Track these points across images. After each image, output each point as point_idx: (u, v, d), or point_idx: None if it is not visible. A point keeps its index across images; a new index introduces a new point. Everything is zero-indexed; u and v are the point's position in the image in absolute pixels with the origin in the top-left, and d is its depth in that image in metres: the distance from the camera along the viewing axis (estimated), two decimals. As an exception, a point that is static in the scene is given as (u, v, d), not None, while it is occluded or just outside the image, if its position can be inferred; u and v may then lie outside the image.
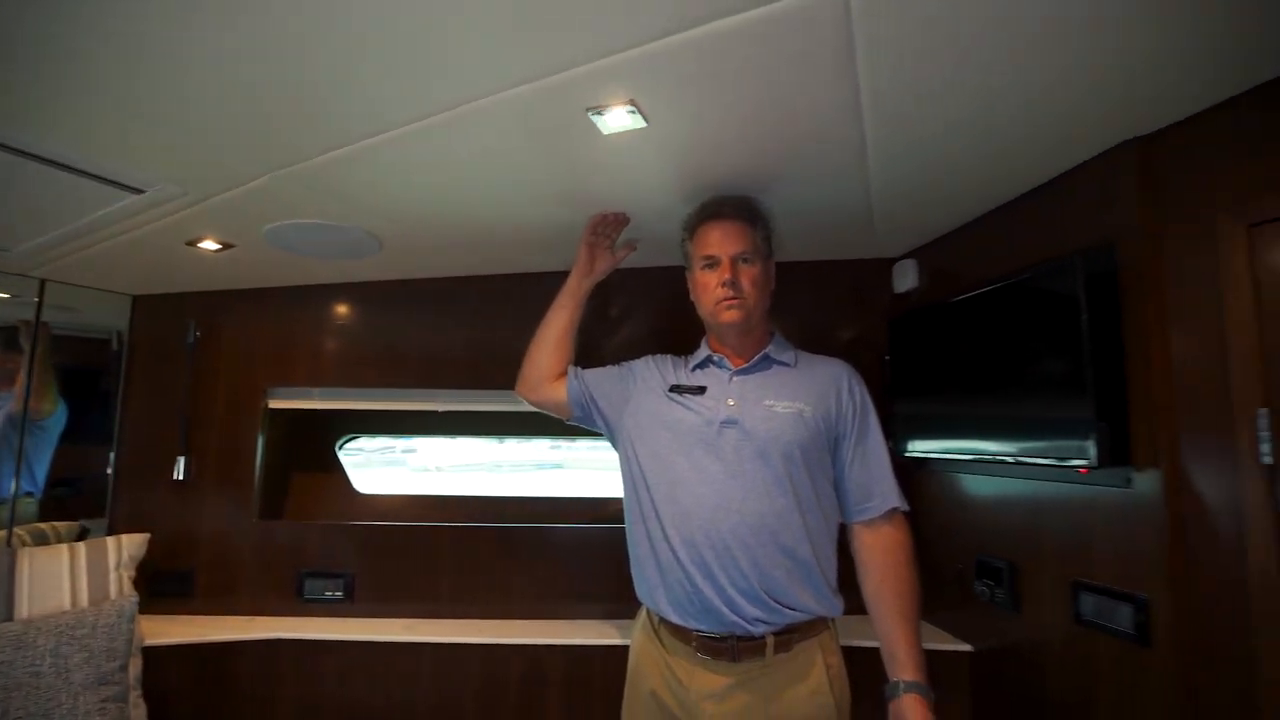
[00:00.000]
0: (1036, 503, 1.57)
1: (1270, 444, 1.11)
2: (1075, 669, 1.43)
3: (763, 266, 1.40)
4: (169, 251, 1.81)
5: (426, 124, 1.18)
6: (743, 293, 1.34)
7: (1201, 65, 1.06)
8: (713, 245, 1.37)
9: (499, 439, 10.45)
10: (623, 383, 1.49)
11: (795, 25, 0.91)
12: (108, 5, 0.85)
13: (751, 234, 1.38)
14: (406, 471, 10.96)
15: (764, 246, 1.41)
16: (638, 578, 1.38)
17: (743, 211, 1.40)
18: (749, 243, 1.37)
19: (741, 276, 1.35)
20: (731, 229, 1.37)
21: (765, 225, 1.43)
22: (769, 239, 1.44)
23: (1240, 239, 1.15)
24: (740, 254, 1.36)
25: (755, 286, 1.37)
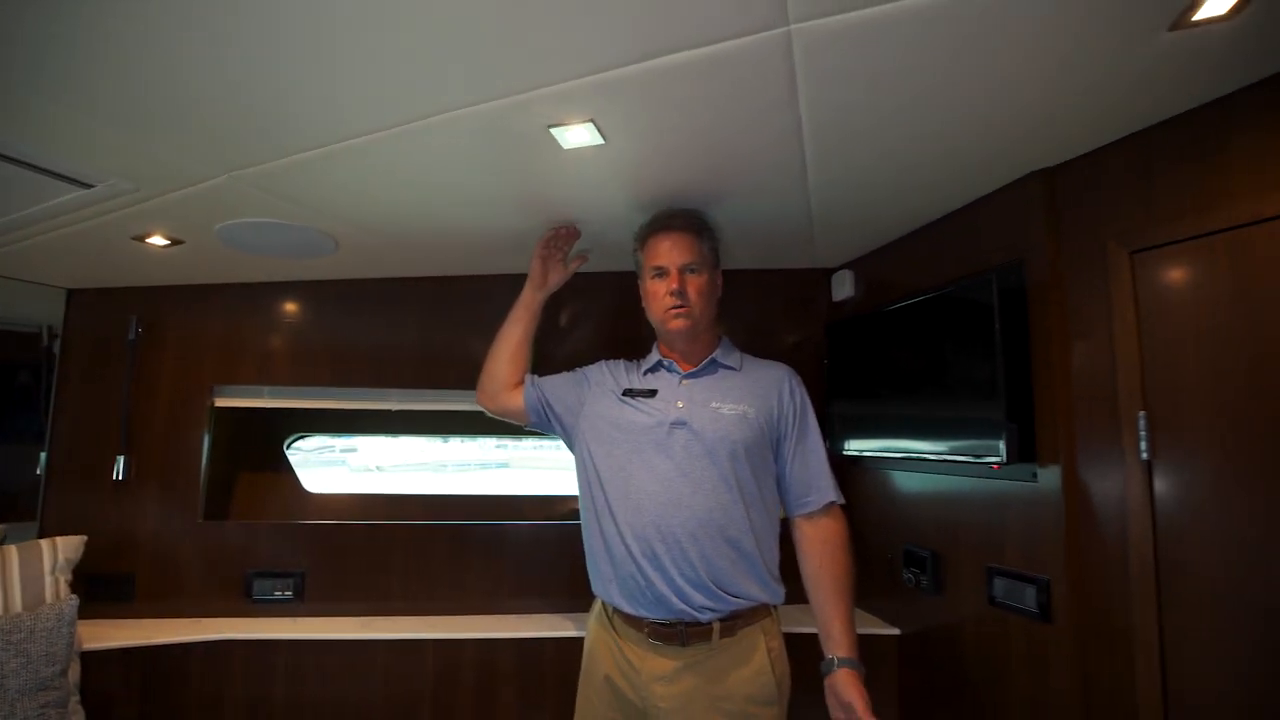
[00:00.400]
0: (957, 496, 1.72)
1: (1147, 442, 1.28)
2: (989, 645, 1.58)
3: (709, 276, 1.48)
4: (112, 246, 1.76)
5: (391, 133, 1.22)
6: (689, 301, 1.43)
7: (1095, 109, 1.21)
8: (661, 256, 1.45)
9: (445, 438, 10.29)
10: (578, 388, 1.56)
11: (743, 63, 1.00)
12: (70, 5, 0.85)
13: (698, 245, 1.46)
14: (346, 472, 10.65)
15: (710, 257, 1.49)
16: (592, 572, 1.45)
17: (690, 224, 1.48)
18: (696, 253, 1.45)
19: (688, 286, 1.43)
20: (680, 240, 1.45)
21: (712, 237, 1.51)
22: (716, 250, 1.52)
23: (1125, 263, 1.32)
24: (687, 264, 1.44)
25: (701, 295, 1.44)
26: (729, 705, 1.29)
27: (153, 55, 0.96)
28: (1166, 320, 1.26)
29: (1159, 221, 1.26)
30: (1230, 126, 1.16)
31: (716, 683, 1.30)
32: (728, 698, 1.30)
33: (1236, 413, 1.15)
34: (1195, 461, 1.21)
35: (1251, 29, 0.97)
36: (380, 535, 2.14)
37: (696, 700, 1.30)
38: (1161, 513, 1.26)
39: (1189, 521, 1.22)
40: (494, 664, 1.95)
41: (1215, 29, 0.96)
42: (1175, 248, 1.24)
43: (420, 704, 1.93)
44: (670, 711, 1.30)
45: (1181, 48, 1.00)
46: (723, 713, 1.29)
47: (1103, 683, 1.33)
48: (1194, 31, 0.96)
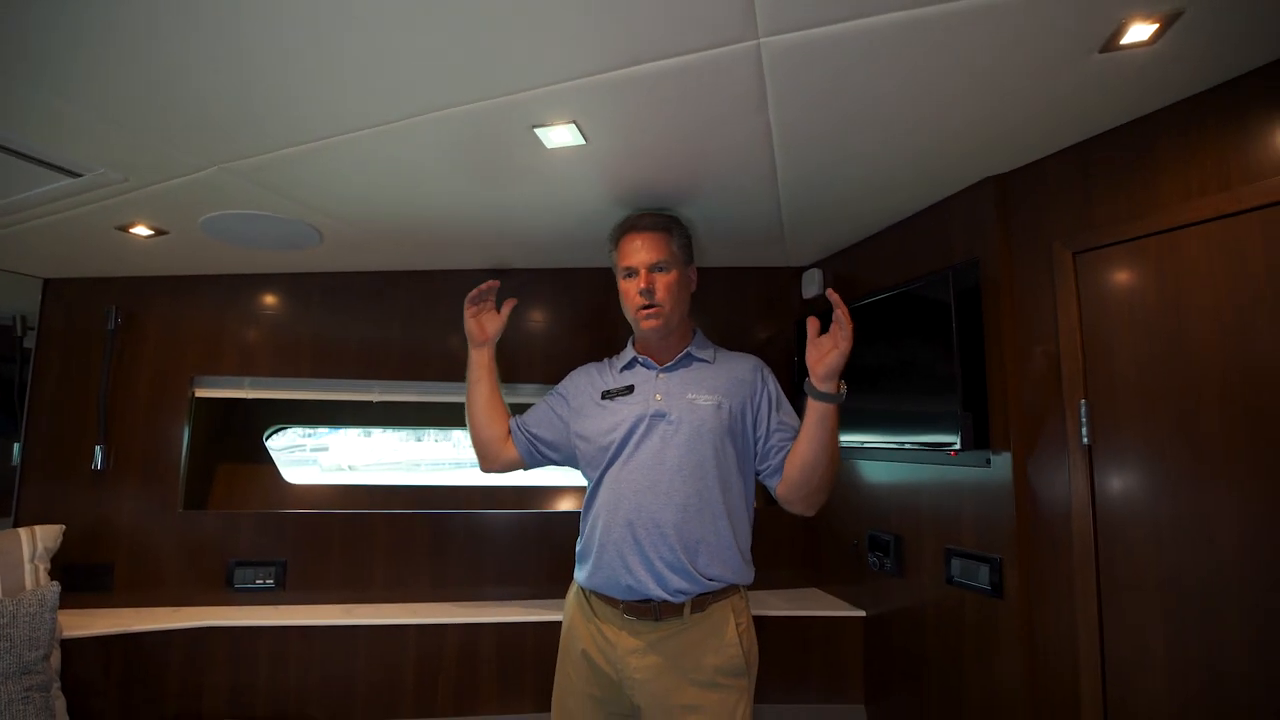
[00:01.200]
0: (918, 483, 1.82)
1: (1088, 428, 1.39)
2: (948, 622, 1.68)
3: (679, 273, 1.50)
4: (95, 236, 1.77)
5: (379, 130, 1.27)
6: (657, 300, 1.46)
7: (1039, 121, 1.31)
8: (631, 256, 1.50)
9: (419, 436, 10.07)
10: (558, 410, 1.60)
11: (716, 71, 1.07)
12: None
13: (667, 243, 1.49)
14: (318, 471, 10.49)
15: (680, 254, 1.51)
16: (578, 564, 1.50)
17: (659, 223, 1.51)
18: (664, 252, 1.48)
19: (657, 284, 1.47)
20: (648, 240, 1.48)
21: (683, 234, 1.54)
22: (687, 246, 1.55)
23: (1069, 263, 1.42)
24: (655, 263, 1.47)
25: (670, 293, 1.47)
26: (699, 676, 1.36)
27: (149, 47, 1.00)
28: (1105, 315, 1.37)
29: (1098, 225, 1.37)
30: (1156, 141, 1.28)
31: (688, 655, 1.37)
32: (698, 669, 1.36)
33: (1162, 400, 1.26)
34: (1129, 446, 1.32)
35: (1169, 55, 1.08)
36: (361, 525, 2.17)
37: (669, 671, 1.36)
38: (1100, 493, 1.37)
39: (1124, 501, 1.33)
40: (475, 648, 2.00)
41: (1139, 53, 1.07)
42: (1112, 249, 1.35)
43: (402, 688, 1.97)
44: (644, 682, 1.36)
45: (1111, 69, 1.11)
46: (693, 683, 1.35)
47: (1048, 650, 1.44)
48: (1121, 54, 1.07)
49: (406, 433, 11.46)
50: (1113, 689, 1.33)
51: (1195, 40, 1.05)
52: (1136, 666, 1.29)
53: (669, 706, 1.35)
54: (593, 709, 1.43)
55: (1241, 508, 1.15)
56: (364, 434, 11.48)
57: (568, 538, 1.60)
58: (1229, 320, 1.17)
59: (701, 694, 1.35)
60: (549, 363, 2.28)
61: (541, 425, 1.59)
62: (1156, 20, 0.98)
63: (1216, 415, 1.18)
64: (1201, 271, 1.21)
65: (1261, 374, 1.13)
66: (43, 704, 1.54)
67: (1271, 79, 1.12)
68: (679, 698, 1.34)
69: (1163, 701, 1.25)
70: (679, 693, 1.35)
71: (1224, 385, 1.18)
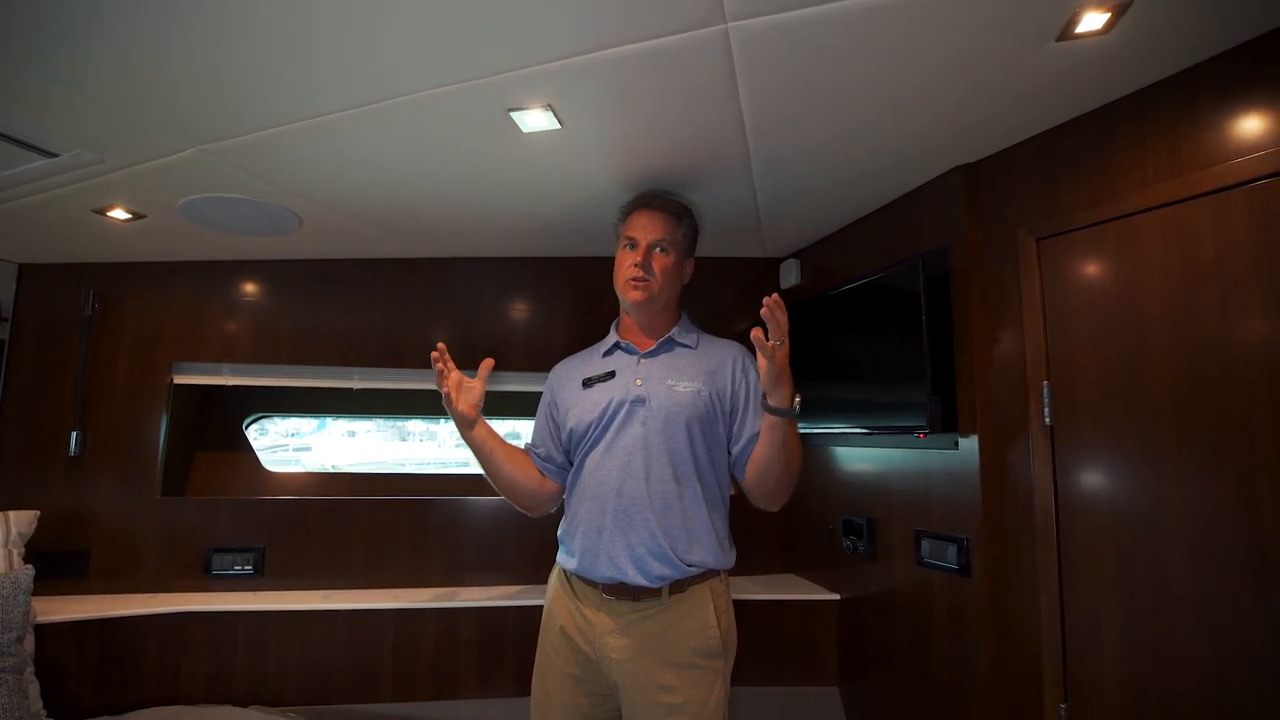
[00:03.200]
0: (889, 467, 1.86)
1: (1050, 409, 1.43)
2: (918, 602, 1.72)
3: (677, 259, 1.53)
4: (72, 219, 1.77)
5: (355, 112, 1.28)
6: (652, 275, 1.47)
7: (1003, 110, 1.35)
8: (635, 229, 1.52)
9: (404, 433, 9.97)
10: (550, 414, 1.60)
11: (685, 54, 1.10)
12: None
13: (674, 227, 1.52)
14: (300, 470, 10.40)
15: (684, 243, 1.55)
16: (561, 547, 1.52)
17: (671, 206, 1.54)
18: (669, 233, 1.50)
19: (654, 262, 1.49)
20: (656, 218, 1.51)
21: (691, 224, 1.57)
22: (692, 238, 1.57)
23: (1032, 249, 1.47)
24: (658, 241, 1.49)
25: (665, 274, 1.49)
26: (676, 657, 1.37)
27: (126, 23, 1.00)
28: (1066, 299, 1.41)
29: (1060, 212, 1.42)
30: (1114, 130, 1.32)
31: (665, 636, 1.38)
32: (675, 650, 1.38)
33: (1118, 381, 1.31)
34: (1088, 425, 1.36)
35: (1121, 46, 1.12)
36: (341, 511, 2.18)
37: (646, 651, 1.37)
38: (1061, 472, 1.41)
39: (1083, 479, 1.37)
40: (454, 633, 2.01)
41: (1093, 43, 1.11)
42: (1074, 235, 1.40)
43: (381, 673, 1.97)
44: (621, 661, 1.38)
45: (1068, 58, 1.15)
46: (670, 664, 1.37)
47: (1012, 627, 1.48)
48: (1077, 44, 1.11)
49: (391, 432, 11.39)
50: (1072, 664, 1.37)
51: (1146, 32, 1.09)
52: (1094, 642, 1.34)
53: (646, 686, 1.36)
54: (572, 688, 1.44)
55: (1190, 485, 1.19)
56: (348, 435, 11.39)
57: (549, 524, 1.62)
58: (1179, 302, 1.22)
59: (678, 674, 1.36)
60: (533, 353, 2.30)
61: (548, 441, 1.58)
62: (1108, 10, 1.02)
63: (1167, 394, 1.23)
64: (1155, 255, 1.26)
65: (1208, 353, 1.17)
66: (15, 686, 1.54)
67: (1218, 70, 1.17)
68: (656, 677, 1.36)
69: (1118, 676, 1.29)
70: (656, 673, 1.36)
71: (1174, 365, 1.22)
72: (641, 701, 1.37)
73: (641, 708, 1.37)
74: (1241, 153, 1.14)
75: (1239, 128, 1.15)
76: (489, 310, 2.31)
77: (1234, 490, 1.13)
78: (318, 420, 10.25)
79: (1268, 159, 1.10)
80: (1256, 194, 1.12)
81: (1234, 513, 1.13)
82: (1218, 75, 1.17)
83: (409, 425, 11.34)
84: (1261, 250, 1.11)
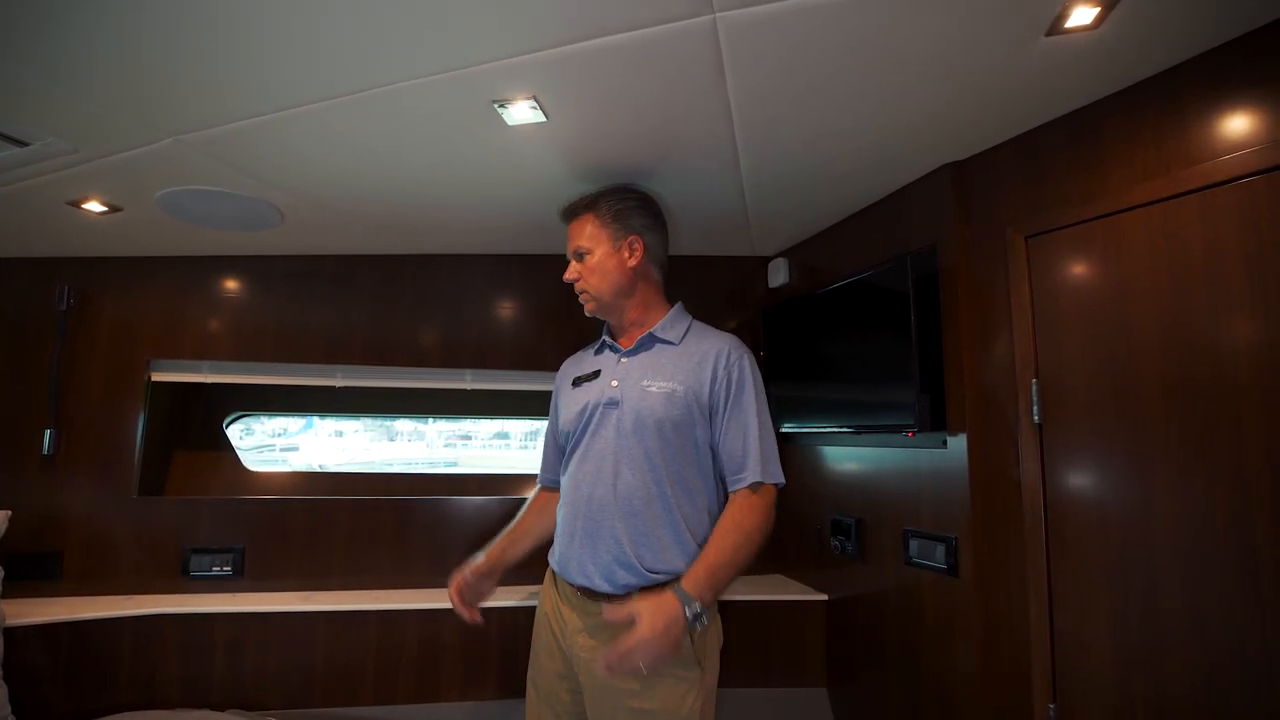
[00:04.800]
0: (878, 467, 1.85)
1: (1039, 407, 1.42)
2: (906, 602, 1.71)
3: (605, 249, 1.44)
4: (46, 211, 1.72)
5: (336, 102, 1.25)
6: (586, 284, 1.46)
7: (991, 107, 1.34)
8: (567, 247, 1.52)
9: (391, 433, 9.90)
10: (554, 423, 1.60)
11: (674, 47, 1.08)
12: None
13: (586, 224, 1.46)
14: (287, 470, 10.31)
15: (606, 230, 1.45)
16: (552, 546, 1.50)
17: (579, 206, 1.49)
18: (581, 235, 1.46)
19: (582, 270, 1.47)
20: (572, 228, 1.50)
21: (612, 204, 1.46)
22: (619, 217, 1.46)
23: (1021, 247, 1.46)
24: (576, 250, 1.47)
25: (595, 274, 1.45)
26: None
27: (98, 10, 0.97)
28: (1055, 296, 1.41)
29: (1048, 210, 1.41)
30: (1101, 127, 1.32)
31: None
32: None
33: (1106, 379, 1.30)
34: (1076, 423, 1.36)
35: (1111, 41, 1.12)
36: (322, 511, 2.14)
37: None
38: (1050, 470, 1.40)
39: (1072, 477, 1.37)
40: (437, 634, 1.98)
41: (1083, 38, 1.10)
42: (1062, 233, 1.39)
43: (363, 675, 1.94)
44: (587, 662, 1.34)
45: (1057, 54, 1.14)
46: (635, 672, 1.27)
47: (1001, 626, 1.47)
48: (1066, 38, 1.10)
49: (379, 433, 11.30)
50: (1061, 664, 1.36)
51: (1135, 26, 1.08)
52: (1083, 642, 1.33)
53: (610, 689, 1.31)
54: (555, 682, 1.43)
55: (1179, 484, 1.19)
56: (336, 435, 11.30)
57: (534, 525, 1.59)
58: (1167, 300, 1.21)
59: (644, 681, 1.28)
60: (519, 353, 2.27)
61: (553, 462, 1.62)
62: (1098, 3, 1.02)
63: (1156, 393, 1.22)
64: (1143, 253, 1.25)
65: (1197, 352, 1.17)
66: (-17, 691, 1.49)
67: (1207, 67, 1.17)
68: (620, 680, 1.28)
69: (1107, 676, 1.28)
70: (619, 676, 1.28)
71: (1163, 363, 1.22)
72: (607, 704, 1.33)
73: (608, 711, 1.33)
74: (1230, 150, 1.13)
75: (1227, 124, 1.14)
76: (476, 308, 2.29)
77: (1223, 489, 1.13)
78: (305, 420, 10.16)
79: (1256, 155, 1.09)
80: (1244, 191, 1.11)
81: (1223, 512, 1.13)
82: (1206, 72, 1.17)
83: (397, 425, 11.28)
84: (1249, 247, 1.10)
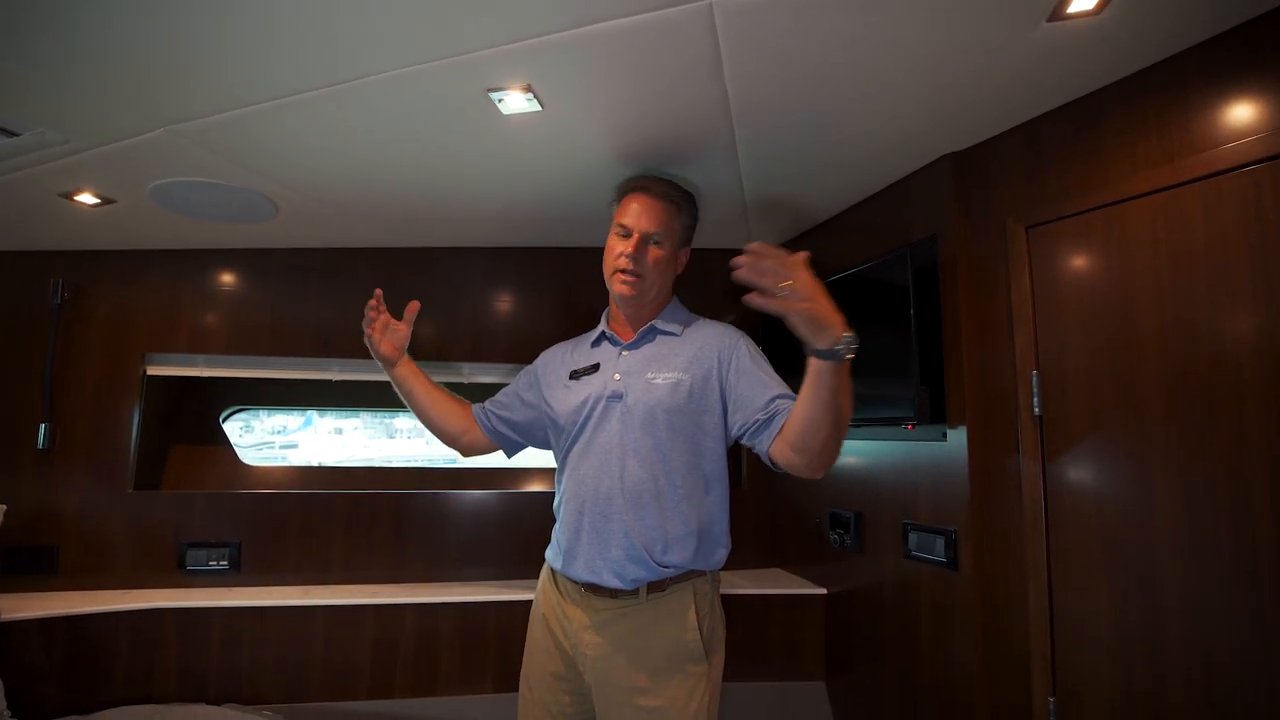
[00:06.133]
0: (877, 460, 1.84)
1: (1039, 399, 1.41)
2: (905, 596, 1.71)
3: (671, 251, 1.43)
4: (36, 203, 1.71)
5: (331, 91, 1.23)
6: (642, 270, 1.38)
7: (991, 96, 1.33)
8: (629, 216, 1.40)
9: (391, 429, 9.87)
10: (524, 394, 1.56)
11: (669, 31, 1.07)
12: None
13: (673, 217, 1.42)
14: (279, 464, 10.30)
15: (681, 234, 1.45)
16: (550, 544, 1.47)
17: (669, 194, 1.43)
18: (664, 225, 1.40)
19: (646, 254, 1.39)
20: (654, 207, 1.40)
21: (691, 214, 1.47)
22: (690, 229, 1.48)
23: (1022, 237, 1.45)
24: (652, 234, 1.39)
25: (656, 268, 1.40)
26: (652, 660, 1.31)
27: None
28: (1056, 288, 1.40)
29: (1049, 200, 1.40)
30: (1103, 116, 1.31)
31: (641, 636, 1.32)
32: (651, 652, 1.31)
33: (1108, 370, 1.29)
34: (1077, 415, 1.35)
35: (1114, 27, 1.10)
36: (319, 505, 2.13)
37: (621, 650, 1.32)
38: (1050, 463, 1.39)
39: (1072, 470, 1.36)
40: (435, 629, 1.97)
41: (1085, 23, 1.09)
42: (1062, 223, 1.38)
43: (360, 669, 1.93)
44: (595, 659, 1.33)
45: (1059, 40, 1.13)
46: (645, 667, 1.30)
47: (1001, 620, 1.46)
48: (1068, 24, 1.08)
49: (379, 430, 11.29)
50: (1061, 657, 1.36)
51: (1138, 13, 1.07)
52: (1083, 635, 1.32)
53: (620, 686, 1.30)
54: (554, 686, 1.39)
55: (1177, 474, 1.18)
56: (335, 432, 11.29)
57: (535, 519, 1.59)
58: (1169, 291, 1.20)
59: (655, 678, 1.29)
60: (515, 347, 2.26)
61: (513, 407, 1.56)
62: (1100, -13, 1.00)
63: (1157, 384, 1.21)
64: (1145, 243, 1.24)
65: (1199, 342, 1.16)
66: (-24, 686, 1.49)
67: (1210, 54, 1.15)
68: (630, 679, 1.29)
69: (1107, 669, 1.28)
70: (630, 674, 1.30)
71: (1164, 355, 1.21)
72: (616, 702, 1.31)
73: (615, 709, 1.31)
74: (1233, 137, 1.12)
75: (1231, 112, 1.13)
76: (471, 302, 2.27)
77: (1224, 481, 1.12)
78: (304, 417, 10.14)
79: (1260, 143, 1.08)
80: (1248, 178, 1.10)
81: (1224, 504, 1.12)
82: (1209, 59, 1.16)
83: (396, 422, 11.27)
84: (1252, 235, 1.09)
